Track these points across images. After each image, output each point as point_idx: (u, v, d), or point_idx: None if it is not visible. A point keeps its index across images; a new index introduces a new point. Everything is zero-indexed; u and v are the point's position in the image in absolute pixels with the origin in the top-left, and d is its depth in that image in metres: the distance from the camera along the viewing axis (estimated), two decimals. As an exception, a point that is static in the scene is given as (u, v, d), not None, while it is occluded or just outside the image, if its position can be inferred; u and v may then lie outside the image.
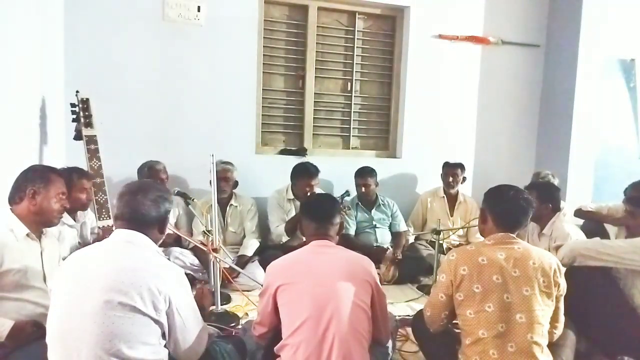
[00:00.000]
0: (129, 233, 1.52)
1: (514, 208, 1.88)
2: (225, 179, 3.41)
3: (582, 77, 4.23)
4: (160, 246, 1.68)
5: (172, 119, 3.67)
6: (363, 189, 3.72)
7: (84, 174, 2.63)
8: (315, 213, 1.93)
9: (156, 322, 1.43)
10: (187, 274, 1.84)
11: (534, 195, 2.86)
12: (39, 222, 1.92)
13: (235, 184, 3.53)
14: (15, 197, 1.88)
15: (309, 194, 3.47)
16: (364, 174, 3.73)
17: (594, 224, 3.56)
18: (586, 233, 3.03)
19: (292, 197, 3.65)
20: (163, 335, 1.48)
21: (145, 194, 1.56)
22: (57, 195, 1.94)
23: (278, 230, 3.56)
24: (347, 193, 3.55)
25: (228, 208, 3.50)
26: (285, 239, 3.54)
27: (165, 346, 1.51)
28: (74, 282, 1.44)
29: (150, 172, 3.33)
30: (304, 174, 3.54)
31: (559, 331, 1.89)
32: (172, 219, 3.43)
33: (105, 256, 1.48)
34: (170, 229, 2.03)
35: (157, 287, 1.42)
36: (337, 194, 3.62)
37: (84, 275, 1.44)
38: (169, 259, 2.69)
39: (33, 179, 1.89)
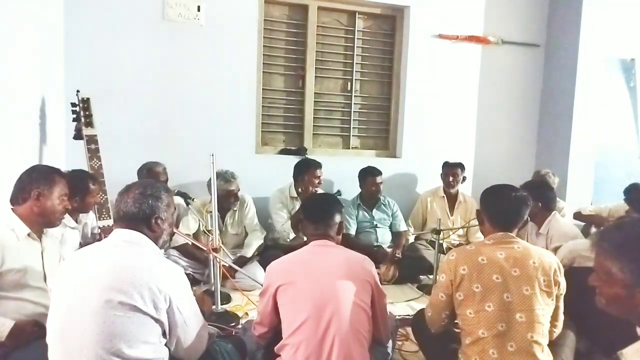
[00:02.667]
0: (127, 232, 1.52)
1: (507, 207, 1.88)
2: (233, 195, 3.35)
3: (582, 77, 4.24)
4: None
5: (172, 118, 3.67)
6: (374, 188, 3.73)
7: (96, 180, 2.60)
8: (315, 213, 1.93)
9: (156, 321, 1.43)
10: (186, 274, 1.84)
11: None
12: (41, 223, 1.91)
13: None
14: (18, 198, 1.87)
15: (317, 187, 3.52)
16: (376, 173, 3.74)
17: (594, 226, 3.56)
18: (586, 235, 3.03)
19: (295, 195, 3.66)
20: (163, 334, 1.48)
21: (128, 192, 1.56)
22: (61, 197, 1.94)
23: (285, 227, 3.56)
24: (338, 193, 3.58)
25: (229, 213, 3.46)
26: (292, 235, 3.54)
27: (165, 345, 1.51)
28: (74, 282, 1.44)
29: (149, 174, 3.29)
30: (309, 167, 3.58)
31: (558, 330, 1.89)
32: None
33: (105, 255, 1.48)
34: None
35: (157, 286, 1.41)
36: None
37: (84, 275, 1.44)
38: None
39: (37, 180, 1.88)
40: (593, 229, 3.61)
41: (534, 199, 2.77)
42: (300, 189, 3.61)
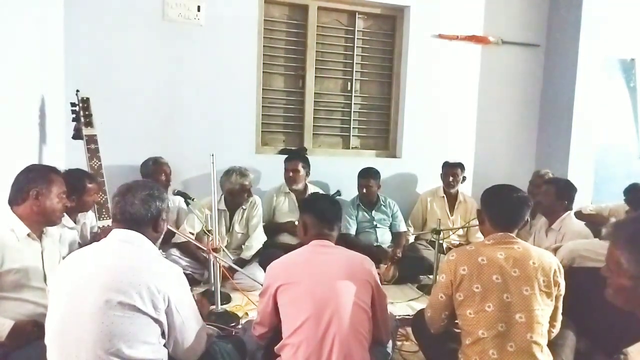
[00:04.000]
0: (125, 232, 1.52)
1: (508, 207, 1.89)
2: (246, 190, 3.38)
3: (582, 77, 4.23)
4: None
5: (172, 118, 3.67)
6: (364, 190, 3.73)
7: (93, 179, 2.61)
8: (327, 214, 1.90)
9: (156, 321, 1.43)
10: (186, 274, 1.84)
11: (552, 189, 2.89)
12: (41, 222, 1.91)
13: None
14: (17, 199, 1.87)
15: (294, 180, 3.63)
16: (367, 176, 3.73)
17: (594, 226, 3.56)
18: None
19: (288, 190, 3.72)
20: (162, 334, 1.48)
21: (133, 193, 1.55)
22: (59, 195, 1.94)
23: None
24: (338, 193, 3.60)
25: (238, 211, 3.46)
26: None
27: (164, 345, 1.51)
28: (72, 282, 1.44)
29: (155, 165, 3.37)
30: (287, 158, 3.71)
31: (556, 330, 1.90)
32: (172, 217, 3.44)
33: (104, 256, 1.48)
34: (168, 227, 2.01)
35: (156, 286, 1.41)
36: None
37: (83, 275, 1.44)
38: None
39: (35, 180, 1.88)
40: (612, 219, 3.57)
41: (561, 197, 2.83)
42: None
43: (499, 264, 1.75)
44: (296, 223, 3.55)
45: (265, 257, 3.31)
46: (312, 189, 3.77)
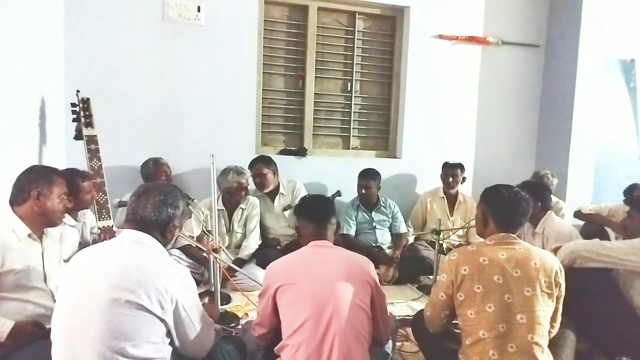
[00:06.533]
0: (136, 233, 1.54)
1: (515, 208, 1.88)
2: (244, 189, 3.42)
3: (582, 77, 4.24)
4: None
5: (172, 119, 3.67)
6: (364, 191, 3.72)
7: (85, 176, 2.63)
8: (314, 214, 1.93)
9: (161, 321, 1.45)
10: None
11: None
12: (42, 223, 1.92)
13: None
14: (18, 199, 1.87)
15: (262, 185, 3.56)
16: (367, 177, 3.72)
17: (594, 225, 3.56)
18: (586, 234, 3.03)
19: (260, 193, 3.68)
20: (167, 333, 1.50)
21: (147, 197, 1.57)
22: (60, 196, 1.94)
23: None
24: (338, 193, 3.59)
25: (237, 211, 3.48)
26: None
27: (169, 344, 1.52)
28: (81, 280, 1.45)
29: (156, 166, 3.38)
30: (249, 165, 3.59)
31: (555, 331, 1.90)
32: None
33: (113, 255, 1.49)
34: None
35: (164, 286, 1.43)
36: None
37: (91, 273, 1.45)
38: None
39: (36, 180, 1.88)
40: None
41: (533, 200, 2.79)
42: None
43: (501, 265, 1.75)
44: (280, 240, 3.62)
45: (262, 256, 3.34)
46: (286, 185, 3.71)
